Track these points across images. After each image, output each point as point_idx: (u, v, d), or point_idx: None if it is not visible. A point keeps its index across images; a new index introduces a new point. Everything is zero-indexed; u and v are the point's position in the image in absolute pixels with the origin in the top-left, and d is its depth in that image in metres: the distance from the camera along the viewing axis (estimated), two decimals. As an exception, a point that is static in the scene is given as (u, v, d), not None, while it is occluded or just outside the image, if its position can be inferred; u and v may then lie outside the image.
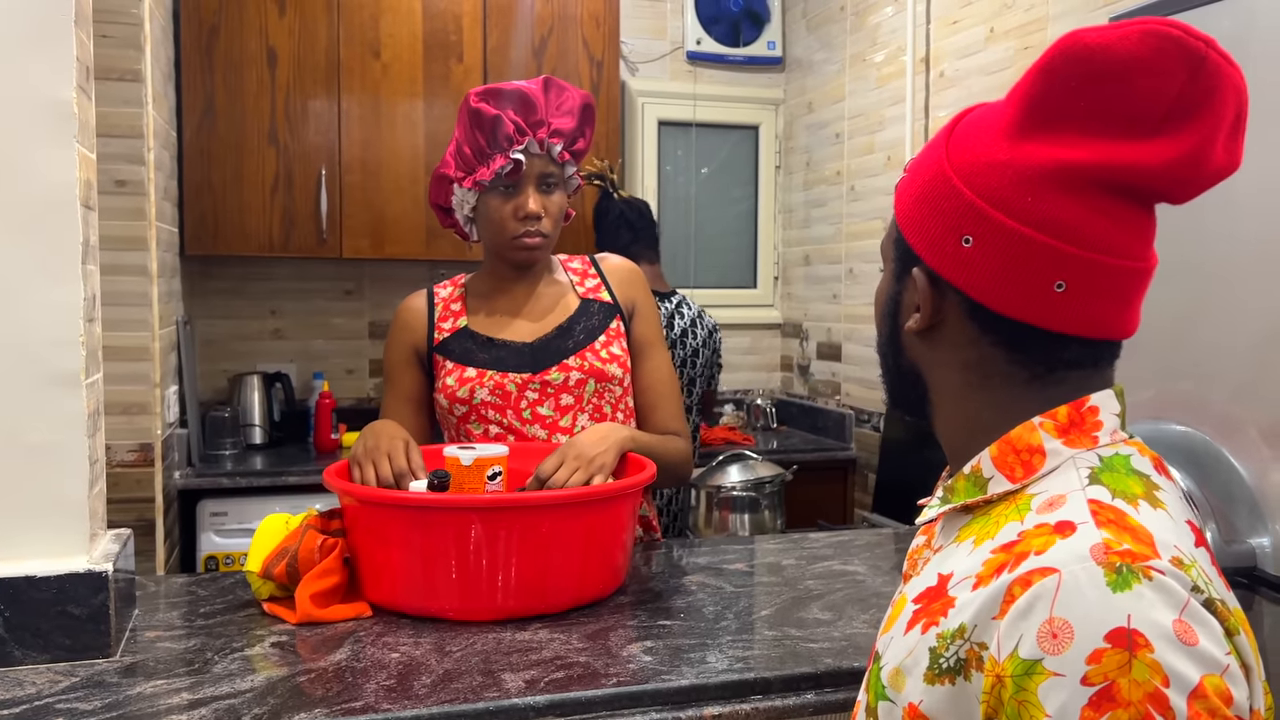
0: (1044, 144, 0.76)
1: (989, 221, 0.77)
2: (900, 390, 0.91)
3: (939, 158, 0.82)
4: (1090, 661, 0.64)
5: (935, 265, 0.81)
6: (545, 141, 1.67)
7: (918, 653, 0.75)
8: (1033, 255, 0.75)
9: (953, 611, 0.73)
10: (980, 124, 0.81)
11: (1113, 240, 0.76)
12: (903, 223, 0.84)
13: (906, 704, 0.75)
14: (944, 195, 0.80)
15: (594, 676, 1.17)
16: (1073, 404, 0.79)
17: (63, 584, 1.20)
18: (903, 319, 0.86)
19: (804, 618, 1.38)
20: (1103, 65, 0.73)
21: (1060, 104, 0.76)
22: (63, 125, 1.21)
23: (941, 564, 0.80)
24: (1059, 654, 0.65)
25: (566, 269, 1.84)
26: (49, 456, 1.22)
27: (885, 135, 3.38)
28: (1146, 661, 0.63)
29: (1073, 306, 0.76)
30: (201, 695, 1.11)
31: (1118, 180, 0.75)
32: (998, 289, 0.77)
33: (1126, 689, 0.63)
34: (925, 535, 0.92)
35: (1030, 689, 0.66)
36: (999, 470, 0.80)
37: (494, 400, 1.70)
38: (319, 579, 1.37)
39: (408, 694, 1.12)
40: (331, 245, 3.31)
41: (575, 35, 3.51)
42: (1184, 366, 1.25)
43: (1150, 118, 0.74)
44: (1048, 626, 0.66)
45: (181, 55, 3.15)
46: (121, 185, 2.53)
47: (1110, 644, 0.64)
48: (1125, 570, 0.66)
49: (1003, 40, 2.81)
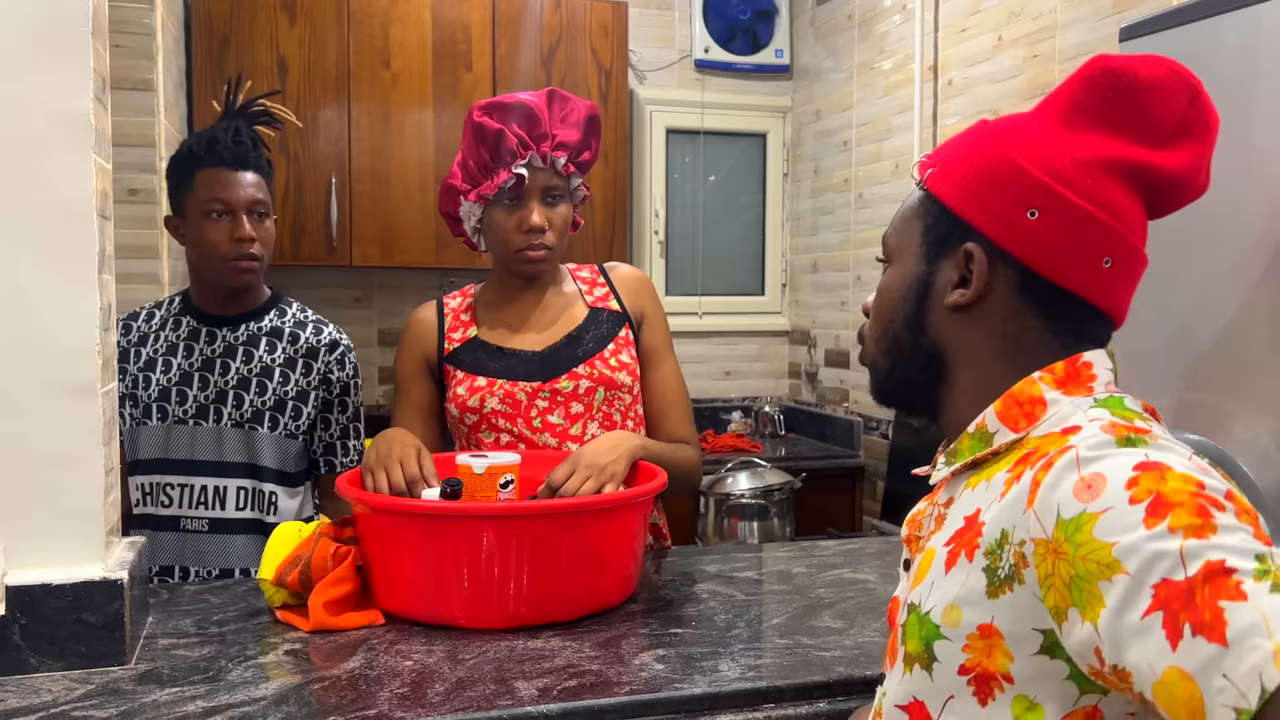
0: (1090, 138, 0.87)
1: (1056, 196, 0.85)
2: (909, 372, 0.95)
3: (989, 145, 0.89)
4: (1129, 487, 0.69)
5: (996, 236, 0.87)
6: (549, 155, 1.68)
7: (971, 579, 0.79)
8: (1092, 230, 0.84)
9: (987, 529, 0.79)
10: (1021, 121, 0.90)
11: (1140, 228, 0.87)
12: (955, 201, 0.89)
13: (975, 627, 0.78)
14: (1007, 173, 0.87)
15: (606, 685, 1.17)
16: (1068, 360, 0.86)
17: (78, 592, 1.21)
18: (934, 299, 0.91)
19: (815, 626, 1.38)
20: (1131, 82, 0.85)
21: (1100, 109, 0.87)
22: (80, 136, 1.22)
23: (963, 509, 0.86)
24: (1099, 496, 0.70)
25: (575, 278, 1.84)
26: (64, 465, 1.23)
27: (893, 143, 3.39)
28: (1177, 474, 0.69)
29: (1113, 283, 0.86)
30: (216, 703, 1.12)
31: (1144, 178, 0.86)
32: (1057, 260, 0.85)
33: (1172, 494, 0.67)
34: (926, 500, 0.97)
35: (1087, 539, 0.69)
36: (1003, 424, 0.86)
37: (504, 409, 1.70)
38: (332, 587, 1.38)
39: (421, 702, 1.12)
40: (341, 254, 3.33)
41: (584, 44, 3.53)
42: (1197, 376, 1.25)
43: (1162, 131, 0.86)
44: (1080, 483, 0.71)
45: (193, 65, 3.17)
46: (134, 194, 2.54)
47: (1140, 470, 0.70)
48: (1132, 436, 0.74)
49: (1011, 48, 2.82)
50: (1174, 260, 1.17)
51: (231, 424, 1.83)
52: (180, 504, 1.83)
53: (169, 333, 1.88)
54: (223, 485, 1.83)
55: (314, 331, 1.93)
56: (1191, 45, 1.30)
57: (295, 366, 1.88)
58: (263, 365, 1.86)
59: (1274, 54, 1.22)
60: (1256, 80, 1.24)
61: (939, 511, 0.91)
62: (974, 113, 2.96)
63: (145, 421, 1.83)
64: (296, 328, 1.92)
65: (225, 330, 1.88)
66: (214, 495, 1.83)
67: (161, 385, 1.84)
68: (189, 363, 1.85)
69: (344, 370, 1.92)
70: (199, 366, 1.85)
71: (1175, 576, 0.64)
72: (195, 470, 1.83)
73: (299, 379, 1.88)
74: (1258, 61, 1.23)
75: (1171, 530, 0.65)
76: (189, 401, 1.84)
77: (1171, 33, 1.32)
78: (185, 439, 1.83)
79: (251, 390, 1.85)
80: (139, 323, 1.91)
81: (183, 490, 1.83)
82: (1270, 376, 1.13)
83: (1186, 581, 0.63)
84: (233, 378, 1.85)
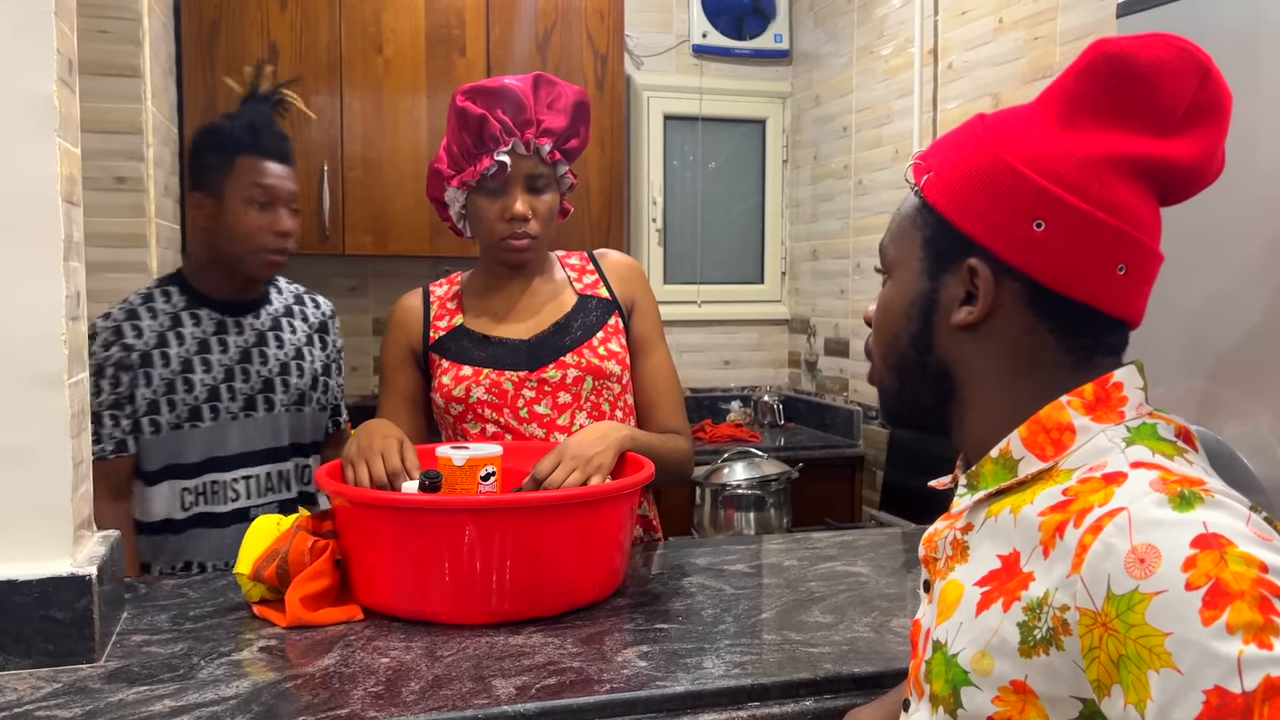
0: (1093, 134, 0.81)
1: (1063, 204, 0.79)
2: (918, 393, 0.90)
3: (986, 147, 0.83)
4: (1186, 569, 0.64)
5: (1001, 251, 0.81)
6: (533, 142, 1.64)
7: (1004, 631, 0.75)
8: (1103, 237, 0.79)
9: (1033, 584, 0.74)
10: (1020, 119, 0.84)
11: (1154, 228, 0.81)
12: (955, 214, 0.84)
13: (1008, 681, 0.75)
14: (1008, 181, 0.81)
15: (587, 683, 1.14)
16: (1097, 381, 0.81)
17: (45, 588, 1.18)
18: (940, 316, 0.86)
19: (805, 621, 1.35)
20: (1135, 68, 0.79)
21: (1102, 101, 0.80)
22: (43, 119, 1.18)
23: (993, 544, 0.80)
24: (1153, 574, 0.65)
25: (564, 265, 1.81)
26: (30, 458, 1.19)
27: (893, 128, 3.34)
28: (1238, 554, 0.64)
29: (1128, 290, 0.81)
30: (184, 702, 1.09)
31: (1154, 171, 0.80)
32: (1067, 272, 0.80)
33: (1232, 581, 0.63)
34: (944, 521, 0.90)
35: (1139, 622, 0.65)
36: (1029, 450, 0.81)
37: (490, 399, 1.67)
38: (309, 581, 1.34)
39: (395, 701, 1.09)
40: (334, 242, 3.29)
41: (579, 28, 3.48)
42: (1195, 364, 1.21)
43: (1172, 117, 0.79)
44: (1132, 556, 0.66)
45: (182, 51, 3.12)
46: (121, 182, 2.51)
47: (1198, 548, 0.64)
48: (1188, 493, 0.68)
49: (1011, 31, 2.77)
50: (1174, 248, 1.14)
51: (282, 409, 1.89)
52: (248, 495, 1.86)
53: (192, 328, 1.84)
54: (283, 470, 1.90)
55: (313, 305, 2.01)
56: (1190, 20, 1.25)
57: (314, 342, 1.96)
58: (294, 347, 1.92)
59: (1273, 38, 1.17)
60: (1259, 58, 1.20)
61: (956, 536, 0.86)
62: (975, 96, 2.92)
63: (195, 423, 1.81)
64: (297, 304, 1.98)
65: (249, 318, 1.90)
66: (279, 480, 1.90)
67: (208, 384, 1.83)
68: (227, 356, 1.86)
69: (338, 334, 2.03)
70: (238, 359, 1.86)
71: (1231, 687, 0.60)
72: (254, 461, 1.87)
73: (318, 353, 1.96)
74: (1259, 37, 1.18)
75: (1230, 630, 0.61)
76: (236, 395, 1.85)
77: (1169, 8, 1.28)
78: (239, 432, 1.85)
79: (293, 373, 1.91)
80: (143, 323, 1.80)
81: (248, 482, 1.86)
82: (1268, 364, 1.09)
83: (1244, 697, 0.60)
84: (273, 364, 1.88)
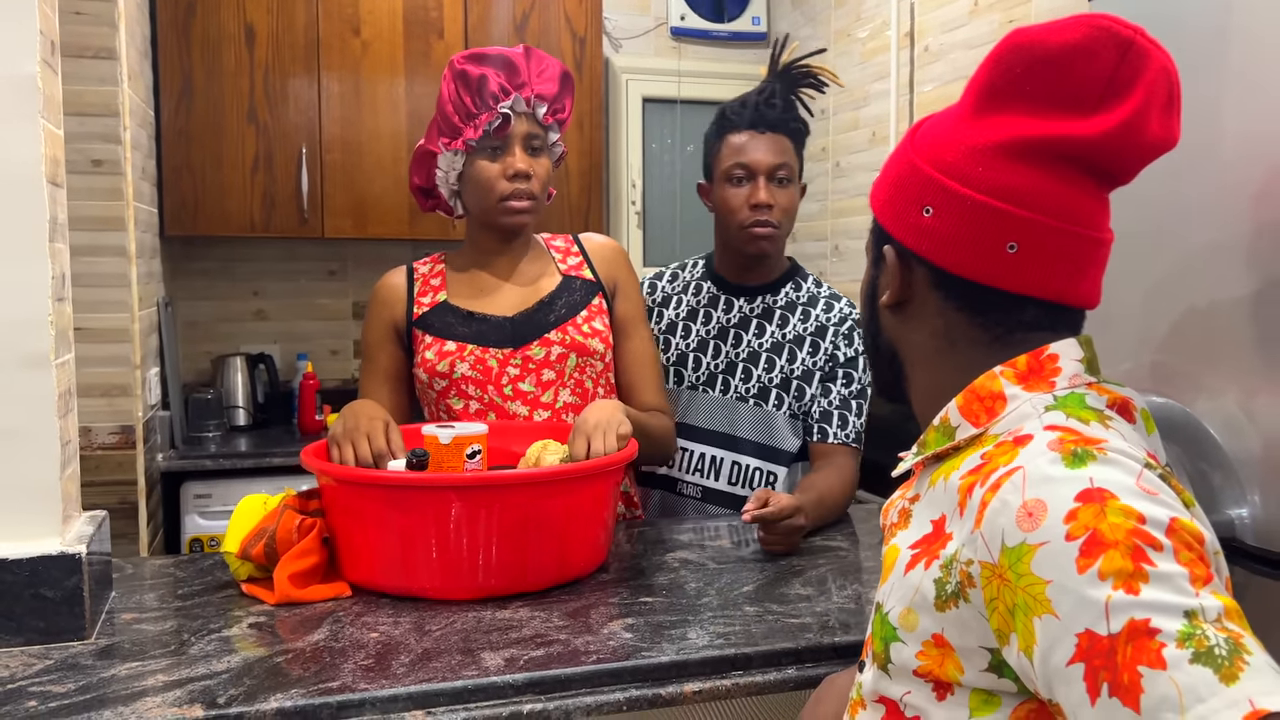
0: (996, 121, 0.84)
1: (945, 191, 0.84)
2: (880, 370, 0.99)
3: (903, 148, 0.91)
4: (1067, 520, 0.68)
5: (901, 237, 0.89)
6: (531, 99, 1.67)
7: (924, 588, 0.79)
8: (985, 219, 0.83)
9: (950, 543, 0.79)
10: (941, 117, 0.90)
11: (1061, 206, 0.82)
12: (875, 206, 0.94)
13: (930, 635, 0.79)
14: (908, 176, 0.89)
15: (574, 654, 1.16)
16: (1032, 353, 0.84)
17: (35, 566, 1.18)
18: (880, 301, 0.93)
19: (786, 593, 1.38)
20: (1044, 52, 0.81)
21: (1010, 87, 0.83)
22: (27, 100, 1.19)
23: (928, 510, 0.85)
24: (1038, 527, 0.69)
25: (549, 246, 1.83)
26: (18, 438, 1.20)
27: (870, 111, 3.36)
28: (1118, 506, 0.67)
29: (1025, 268, 0.83)
30: (177, 676, 1.10)
31: (1062, 150, 0.82)
32: (956, 252, 0.85)
33: (1109, 531, 0.66)
34: (901, 489, 0.97)
35: (1026, 571, 0.69)
36: (965, 418, 0.86)
37: (474, 375, 1.68)
38: (297, 559, 1.36)
39: (385, 673, 1.11)
40: (313, 225, 3.29)
41: (558, 11, 3.48)
42: (1160, 337, 1.24)
43: (1089, 97, 0.81)
44: (1022, 510, 0.70)
45: (158, 33, 3.10)
46: (98, 165, 2.49)
47: (1081, 502, 0.68)
48: (1080, 451, 0.72)
49: (987, 14, 2.79)
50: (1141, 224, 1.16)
51: (737, 397, 1.87)
52: (680, 468, 1.88)
53: (690, 297, 1.94)
54: (721, 457, 1.87)
55: (824, 308, 1.91)
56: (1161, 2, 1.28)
57: (803, 345, 1.88)
58: (773, 341, 1.89)
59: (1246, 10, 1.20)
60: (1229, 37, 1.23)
61: (904, 506, 0.91)
62: (952, 78, 2.94)
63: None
64: (809, 304, 1.92)
65: (742, 300, 1.92)
66: (709, 465, 1.87)
67: (680, 350, 1.89)
68: (706, 329, 1.90)
69: (851, 346, 1.89)
70: (714, 335, 1.90)
71: (1099, 630, 0.64)
72: (698, 438, 1.88)
73: (805, 357, 1.87)
74: (1229, 18, 1.21)
75: (1102, 576, 0.65)
76: (702, 368, 1.88)
77: (1141, -10, 1.30)
78: (698, 405, 1.88)
79: (760, 365, 1.88)
80: (663, 282, 2.00)
81: (684, 455, 1.88)
82: (1238, 341, 1.12)
83: (1109, 639, 0.63)
84: (743, 350, 1.89)
